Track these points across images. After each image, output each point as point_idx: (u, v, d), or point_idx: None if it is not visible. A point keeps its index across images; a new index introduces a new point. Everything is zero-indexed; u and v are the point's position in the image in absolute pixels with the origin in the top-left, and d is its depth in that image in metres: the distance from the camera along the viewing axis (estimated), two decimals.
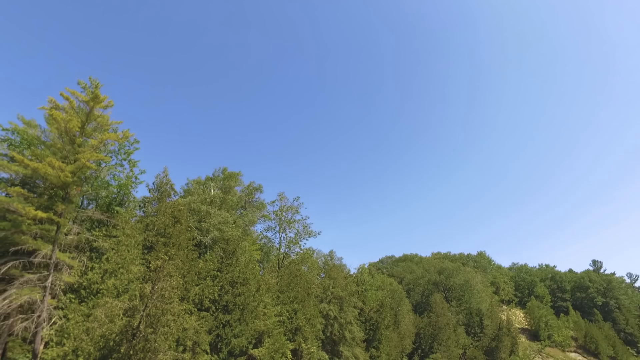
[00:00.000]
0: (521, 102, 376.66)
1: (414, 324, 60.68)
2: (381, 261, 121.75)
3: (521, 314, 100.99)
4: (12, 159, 28.88)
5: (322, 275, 49.91)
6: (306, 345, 35.59)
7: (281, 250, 48.02)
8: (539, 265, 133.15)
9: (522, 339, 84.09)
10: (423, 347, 58.38)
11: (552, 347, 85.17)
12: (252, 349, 32.07)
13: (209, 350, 29.54)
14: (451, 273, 77.57)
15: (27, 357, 23.57)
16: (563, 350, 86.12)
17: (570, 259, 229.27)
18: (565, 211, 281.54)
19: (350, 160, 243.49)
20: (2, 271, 22.92)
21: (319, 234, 48.79)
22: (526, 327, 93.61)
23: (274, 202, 47.32)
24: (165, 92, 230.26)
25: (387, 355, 47.49)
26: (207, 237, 34.49)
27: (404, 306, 61.14)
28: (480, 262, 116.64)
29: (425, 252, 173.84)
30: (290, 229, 47.07)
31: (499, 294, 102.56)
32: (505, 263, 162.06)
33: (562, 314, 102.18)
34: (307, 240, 50.46)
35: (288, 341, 34.37)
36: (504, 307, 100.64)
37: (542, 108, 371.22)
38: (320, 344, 38.01)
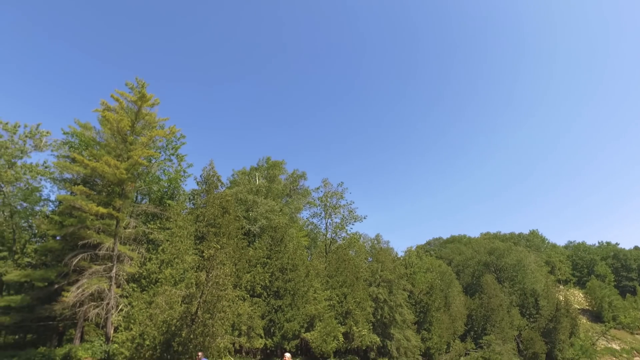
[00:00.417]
0: (573, 68, 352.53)
1: (465, 306, 59.63)
2: (428, 243, 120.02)
3: (580, 295, 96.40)
4: (73, 160, 30.94)
5: (370, 259, 50.02)
6: (357, 328, 36.01)
7: (328, 235, 48.53)
8: (599, 242, 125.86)
9: (583, 320, 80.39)
10: (475, 328, 57.36)
11: (618, 329, 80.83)
12: (304, 333, 32.90)
13: (263, 335, 30.64)
14: (502, 253, 75.16)
15: (101, 339, 25.50)
16: (631, 333, 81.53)
17: (636, 236, 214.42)
18: (627, 184, 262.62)
19: (392, 142, 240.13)
20: (74, 263, 24.94)
21: (364, 218, 48.93)
22: (587, 308, 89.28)
23: (318, 188, 47.87)
24: (205, 88, 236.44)
25: (438, 337, 47.15)
26: (255, 225, 35.50)
27: (454, 288, 60.15)
28: (533, 241, 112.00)
29: (473, 232, 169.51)
30: (335, 214, 47.46)
31: (554, 274, 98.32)
32: (561, 241, 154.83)
33: (628, 295, 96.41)
34: (353, 225, 50.72)
35: (339, 324, 34.93)
36: (561, 287, 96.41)
37: (599, 71, 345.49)
38: (371, 327, 38.30)
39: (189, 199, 36.31)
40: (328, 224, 48.29)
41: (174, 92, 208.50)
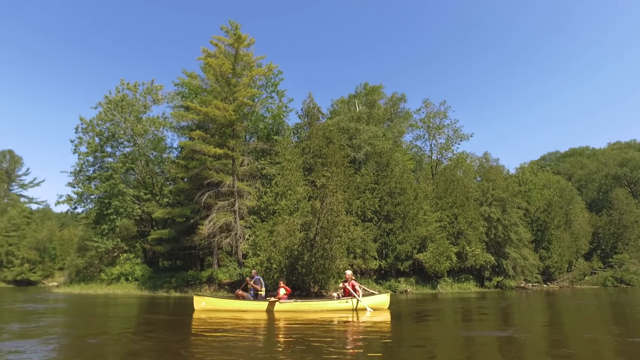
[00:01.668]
0: None
1: (590, 223, 54.85)
2: (543, 158, 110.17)
3: None
4: (186, 109, 33.52)
5: (479, 178, 47.81)
6: (470, 248, 35.59)
7: (433, 157, 47.07)
8: None
9: None
10: (603, 247, 52.93)
11: None
12: (416, 254, 33.51)
13: (377, 257, 31.96)
14: (638, 164, 66.25)
15: (234, 264, 28.94)
16: None
17: None
18: None
19: (494, 45, 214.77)
20: (203, 200, 28.04)
21: (471, 136, 46.16)
22: None
23: (419, 110, 45.80)
24: (294, 20, 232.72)
25: (558, 256, 44.63)
26: (359, 152, 35.75)
27: (576, 204, 55.27)
28: None
29: (599, 143, 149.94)
30: (439, 135, 45.44)
31: None
32: None
33: None
34: (458, 144, 48.33)
35: (451, 245, 34.81)
36: None
37: None
38: (484, 246, 37.54)
39: (294, 132, 37.54)
40: (432, 145, 46.66)
41: (264, 27, 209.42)
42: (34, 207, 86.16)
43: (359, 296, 12.29)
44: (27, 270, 69.17)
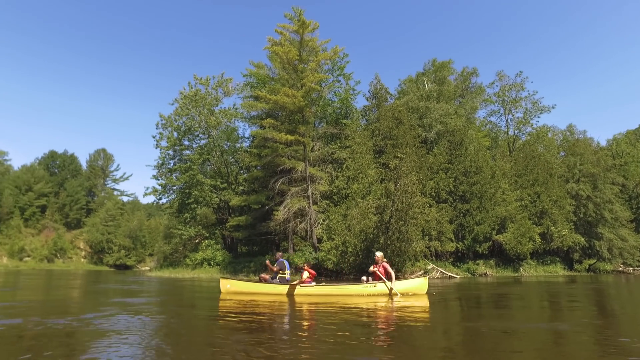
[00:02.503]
0: None
1: None
2: None
3: None
4: (255, 98, 34.30)
5: (563, 153, 44.04)
6: (555, 228, 33.04)
7: (509, 133, 44.06)
8: None
9: None
10: None
11: None
12: (495, 235, 31.81)
13: (453, 238, 30.81)
14: None
15: (309, 249, 29.44)
16: None
17: None
18: None
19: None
20: (277, 187, 28.74)
21: (552, 108, 42.35)
22: None
23: (492, 83, 42.86)
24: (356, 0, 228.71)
25: None
26: (430, 132, 34.45)
27: None
28: None
29: None
30: (516, 108, 42.25)
31: None
32: None
33: None
34: (538, 117, 44.54)
35: (534, 225, 32.57)
36: None
37: None
38: (573, 227, 34.63)
39: (362, 115, 37.04)
40: (509, 120, 43.58)
41: (326, 10, 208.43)
42: (125, 199, 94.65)
43: (390, 280, 10.97)
44: (124, 255, 76.58)
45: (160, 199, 38.55)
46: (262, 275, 11.70)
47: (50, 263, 68.37)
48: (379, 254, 11.68)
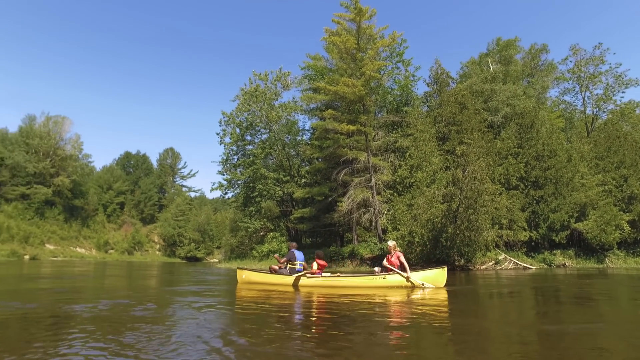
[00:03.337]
0: None
1: None
2: None
3: None
4: (314, 90, 34.43)
5: None
6: None
7: (587, 112, 40.59)
8: None
9: None
10: None
11: None
12: (574, 223, 29.59)
13: (526, 227, 29.07)
14: None
15: (374, 240, 29.22)
16: None
17: None
18: None
19: None
20: (340, 178, 28.76)
21: None
22: None
23: (565, 59, 39.50)
24: None
25: None
26: (497, 116, 32.63)
27: None
28: None
29: None
30: (594, 85, 38.71)
31: None
32: None
33: None
34: (623, 93, 40.64)
35: (620, 212, 29.86)
36: None
37: None
38: None
39: (423, 102, 35.92)
40: (586, 98, 40.12)
41: None
42: (192, 195, 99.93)
43: (404, 271, 10.03)
44: (194, 248, 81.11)
45: (226, 193, 40.14)
46: (272, 265, 11.70)
47: (130, 255, 73.89)
48: (391, 243, 10.80)
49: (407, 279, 9.91)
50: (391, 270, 10.12)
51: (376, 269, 10.65)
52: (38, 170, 62.34)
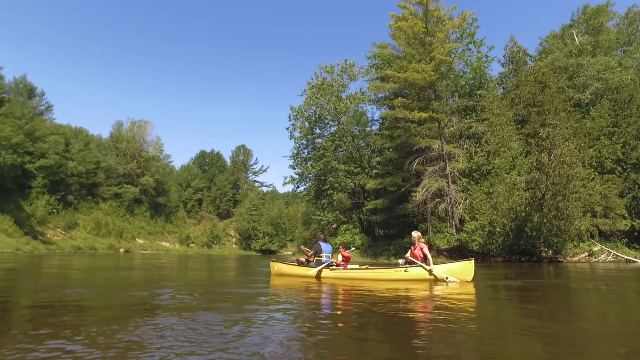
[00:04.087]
0: None
1: None
2: None
3: None
4: (382, 80, 33.80)
5: None
6: None
7: None
8: None
9: None
10: None
11: None
12: None
13: (626, 215, 26.22)
14: None
15: (450, 230, 28.17)
16: None
17: None
18: None
19: None
20: (413, 167, 28.04)
21: None
22: None
23: None
24: None
25: None
26: (585, 93, 29.74)
27: None
28: None
29: None
30: None
31: None
32: None
33: None
34: None
35: None
36: None
37: None
38: None
39: (498, 83, 33.79)
40: None
41: None
42: (264, 189, 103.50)
43: (428, 263, 9.40)
44: (268, 241, 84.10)
45: (298, 187, 40.84)
46: (299, 257, 11.96)
47: (209, 248, 78.39)
48: (415, 234, 10.07)
49: (430, 272, 9.33)
50: (413, 262, 9.65)
51: (400, 261, 10.29)
52: (127, 171, 68.00)
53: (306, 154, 39.30)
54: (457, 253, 26.96)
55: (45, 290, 7.40)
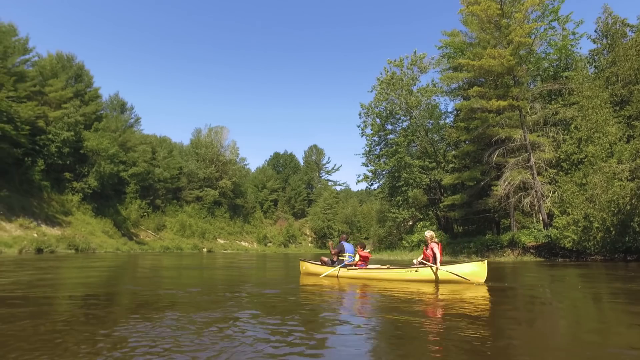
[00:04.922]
0: None
1: None
2: None
3: None
4: (454, 69, 32.23)
5: None
6: None
7: None
8: None
9: None
10: None
11: None
12: None
13: None
14: None
15: (537, 226, 26.04)
16: None
17: None
18: None
19: None
20: (493, 159, 26.35)
21: None
22: None
23: None
24: None
25: None
26: None
27: None
28: None
29: None
30: None
31: None
32: None
33: None
34: None
35: None
36: None
37: None
38: None
39: (589, 63, 30.50)
40: None
41: None
42: (338, 188, 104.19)
43: (436, 263, 9.23)
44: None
45: (372, 184, 40.52)
46: (322, 257, 12.45)
47: (285, 247, 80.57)
48: (428, 234, 10.00)
49: (436, 271, 9.30)
50: (423, 263, 9.65)
51: (415, 261, 10.15)
52: (206, 175, 72.14)
53: (378, 150, 38.87)
54: (546, 250, 24.88)
55: (164, 288, 8.32)
